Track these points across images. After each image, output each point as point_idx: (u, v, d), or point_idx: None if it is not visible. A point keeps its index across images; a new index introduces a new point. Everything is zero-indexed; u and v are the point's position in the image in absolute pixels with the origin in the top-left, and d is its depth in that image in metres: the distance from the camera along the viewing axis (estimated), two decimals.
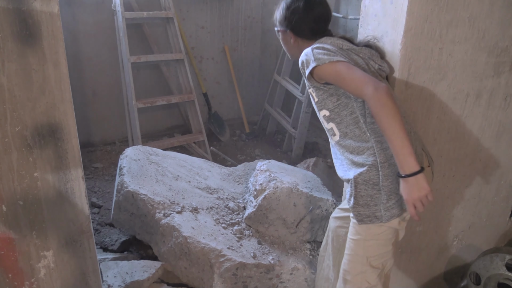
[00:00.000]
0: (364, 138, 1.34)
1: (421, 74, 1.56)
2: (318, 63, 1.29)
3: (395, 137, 1.19)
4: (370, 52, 1.43)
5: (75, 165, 1.22)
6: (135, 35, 3.46)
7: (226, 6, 3.90)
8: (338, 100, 1.36)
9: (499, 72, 1.74)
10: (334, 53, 1.31)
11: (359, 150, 1.35)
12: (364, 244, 1.39)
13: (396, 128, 1.18)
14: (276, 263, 1.86)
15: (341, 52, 1.34)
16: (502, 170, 2.02)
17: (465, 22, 1.55)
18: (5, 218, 1.16)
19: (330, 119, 1.40)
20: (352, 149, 1.37)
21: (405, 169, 1.20)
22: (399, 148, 1.19)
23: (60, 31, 1.09)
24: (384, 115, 1.19)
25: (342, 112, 1.37)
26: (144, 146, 2.50)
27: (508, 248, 1.90)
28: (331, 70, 1.28)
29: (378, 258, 1.41)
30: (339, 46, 1.38)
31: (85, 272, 1.36)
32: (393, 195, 1.32)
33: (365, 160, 1.33)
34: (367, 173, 1.32)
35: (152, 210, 1.97)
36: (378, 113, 1.20)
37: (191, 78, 3.52)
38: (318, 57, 1.30)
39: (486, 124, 1.84)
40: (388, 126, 1.19)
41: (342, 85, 1.29)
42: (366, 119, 1.34)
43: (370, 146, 1.33)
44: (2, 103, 1.07)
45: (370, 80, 1.22)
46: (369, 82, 1.21)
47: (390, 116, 1.18)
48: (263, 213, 2.00)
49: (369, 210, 1.33)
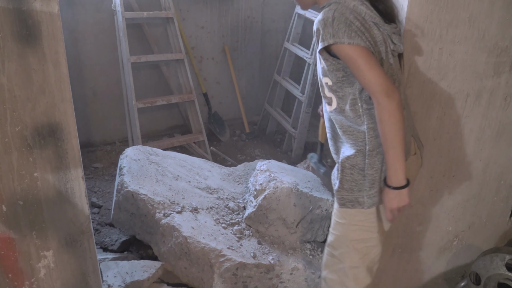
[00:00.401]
0: (358, 122, 1.31)
1: (421, 74, 1.56)
2: (336, 41, 1.19)
3: (392, 150, 1.20)
4: (391, 29, 1.31)
5: (75, 165, 1.22)
6: (135, 35, 3.46)
7: (226, 6, 3.90)
8: (344, 76, 1.29)
9: (499, 72, 1.74)
10: (356, 32, 1.19)
11: (350, 131, 1.32)
12: (348, 228, 1.40)
13: (396, 141, 1.19)
14: (276, 263, 1.86)
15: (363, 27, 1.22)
16: (502, 170, 2.02)
17: (465, 22, 1.55)
18: (5, 218, 1.16)
19: (331, 89, 1.34)
20: (345, 128, 1.34)
21: (393, 181, 1.25)
22: (393, 161, 1.22)
23: (60, 31, 1.09)
24: (388, 125, 1.19)
25: (345, 88, 1.30)
26: (144, 146, 2.50)
27: (508, 248, 1.90)
28: (348, 53, 1.20)
29: (361, 242, 1.41)
30: (362, 15, 1.24)
31: (85, 272, 1.36)
32: (376, 183, 1.31)
33: (354, 143, 1.31)
34: (354, 158, 1.31)
35: (152, 210, 1.97)
36: (383, 121, 1.19)
37: (191, 78, 3.52)
38: (337, 32, 1.19)
39: (486, 124, 1.84)
40: (389, 137, 1.19)
41: (354, 73, 1.22)
42: (363, 104, 1.29)
43: (362, 131, 1.30)
44: (2, 103, 1.07)
45: (385, 83, 1.18)
46: (384, 86, 1.17)
47: (394, 128, 1.18)
48: (263, 213, 2.00)
49: (353, 195, 1.33)
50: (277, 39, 4.22)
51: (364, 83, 1.21)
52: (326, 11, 1.23)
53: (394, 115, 1.18)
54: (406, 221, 1.83)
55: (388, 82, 1.19)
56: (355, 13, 1.23)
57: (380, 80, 1.18)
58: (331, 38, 1.20)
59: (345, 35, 1.18)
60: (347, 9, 1.22)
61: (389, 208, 1.29)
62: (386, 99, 1.17)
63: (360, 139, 1.31)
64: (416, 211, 1.84)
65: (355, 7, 1.24)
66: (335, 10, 1.21)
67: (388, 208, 1.30)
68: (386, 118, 1.18)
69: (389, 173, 1.25)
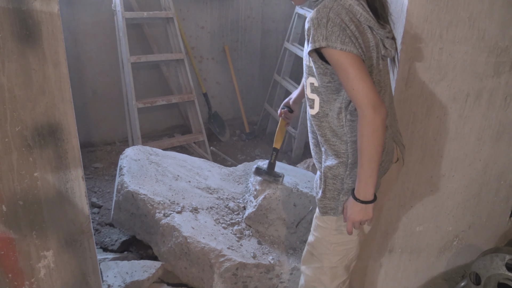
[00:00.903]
0: (340, 132, 1.28)
1: (421, 74, 1.56)
2: (329, 45, 1.13)
3: (368, 164, 1.19)
4: (385, 33, 1.25)
5: (75, 165, 1.22)
6: (135, 35, 3.46)
7: (226, 6, 3.90)
8: (329, 82, 1.24)
9: (499, 72, 1.74)
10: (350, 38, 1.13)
11: (333, 141, 1.30)
12: (329, 233, 1.39)
13: (373, 157, 1.17)
14: (276, 263, 1.86)
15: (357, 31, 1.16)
16: (502, 170, 2.02)
17: (465, 22, 1.55)
18: (5, 218, 1.16)
19: (316, 91, 1.27)
20: (327, 137, 1.30)
21: (361, 195, 1.23)
22: (366, 175, 1.20)
23: (60, 31, 1.09)
24: (369, 140, 1.16)
25: (330, 94, 1.26)
26: (144, 146, 2.50)
27: (508, 248, 1.90)
28: (338, 59, 1.14)
29: (342, 245, 1.41)
30: (358, 17, 1.18)
31: (85, 272, 1.36)
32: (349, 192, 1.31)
33: (336, 154, 1.29)
34: (336, 168, 1.30)
35: (152, 210, 1.97)
36: (364, 135, 1.16)
37: (191, 78, 3.52)
38: (330, 36, 1.12)
39: (486, 124, 1.84)
40: (367, 152, 1.17)
41: (342, 81, 1.17)
42: (347, 114, 1.25)
43: (344, 142, 1.28)
44: (2, 103, 1.07)
45: (373, 97, 1.14)
46: (372, 99, 1.13)
47: (375, 144, 1.16)
48: (263, 213, 2.00)
49: (334, 203, 1.33)
50: (277, 39, 4.22)
51: (351, 93, 1.16)
52: (321, 9, 1.16)
53: (377, 131, 1.15)
54: (406, 221, 1.83)
55: (377, 96, 1.14)
56: (351, 14, 1.17)
57: (369, 92, 1.14)
58: (323, 41, 1.13)
59: (339, 39, 1.12)
60: (343, 8, 1.16)
61: (352, 220, 1.27)
62: (373, 113, 1.13)
63: (343, 151, 1.29)
64: (416, 211, 1.84)
65: (351, 7, 1.18)
66: (331, 9, 1.15)
67: (350, 220, 1.28)
68: (369, 133, 1.15)
69: (359, 186, 1.23)
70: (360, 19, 1.19)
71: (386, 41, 1.26)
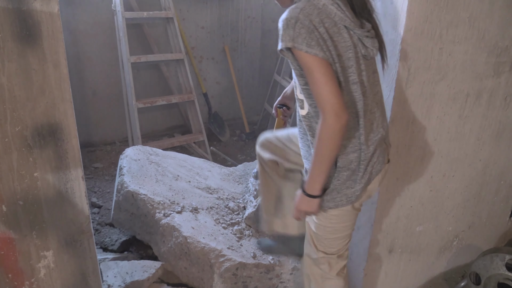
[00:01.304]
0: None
1: (421, 74, 1.56)
2: (295, 46, 1.15)
3: (320, 164, 1.24)
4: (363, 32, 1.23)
5: (75, 165, 1.22)
6: (135, 35, 3.46)
7: (226, 6, 3.90)
8: (306, 84, 1.25)
9: (499, 72, 1.74)
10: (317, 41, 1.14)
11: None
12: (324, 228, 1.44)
13: (327, 159, 1.22)
14: (276, 263, 1.86)
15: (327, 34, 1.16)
16: (502, 170, 2.02)
17: (465, 22, 1.55)
18: (5, 218, 1.16)
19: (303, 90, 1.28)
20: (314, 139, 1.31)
21: (309, 189, 1.29)
22: (317, 173, 1.25)
23: (60, 31, 1.09)
24: (326, 145, 1.20)
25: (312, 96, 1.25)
26: (144, 146, 2.50)
27: (508, 248, 1.90)
28: (305, 61, 1.16)
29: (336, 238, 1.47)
30: (332, 17, 1.17)
31: (85, 272, 1.36)
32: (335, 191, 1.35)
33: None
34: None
35: (152, 210, 1.97)
36: (322, 139, 1.20)
37: (191, 78, 3.52)
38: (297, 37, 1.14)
39: (486, 124, 1.84)
40: (321, 155, 1.22)
41: (309, 83, 1.19)
42: None
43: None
44: (2, 103, 1.07)
45: (337, 103, 1.15)
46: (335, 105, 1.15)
47: (330, 148, 1.20)
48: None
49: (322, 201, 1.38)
50: (277, 39, 4.21)
51: (315, 96, 1.19)
52: (292, 9, 1.17)
53: (334, 137, 1.18)
54: (406, 221, 1.83)
55: (339, 101, 1.16)
56: (323, 14, 1.17)
57: (332, 98, 1.15)
58: (289, 42, 1.15)
59: (304, 42, 1.13)
60: (316, 9, 1.16)
61: (298, 209, 1.34)
62: (334, 119, 1.16)
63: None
64: (416, 211, 1.84)
65: (325, 7, 1.17)
66: (302, 9, 1.15)
67: (297, 209, 1.35)
68: (327, 137, 1.18)
69: (309, 181, 1.28)
70: (335, 19, 1.18)
71: (365, 40, 1.25)
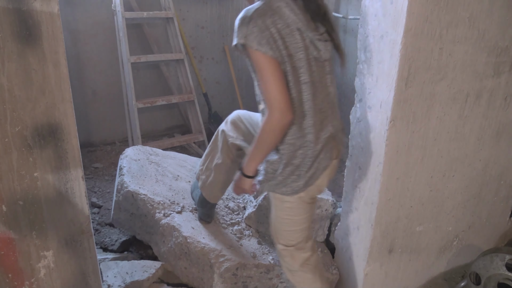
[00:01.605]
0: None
1: (421, 74, 1.56)
2: (247, 43, 1.21)
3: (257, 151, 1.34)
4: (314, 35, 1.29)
5: (75, 165, 1.22)
6: (135, 35, 3.46)
7: (226, 6, 3.90)
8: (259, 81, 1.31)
9: (499, 72, 1.74)
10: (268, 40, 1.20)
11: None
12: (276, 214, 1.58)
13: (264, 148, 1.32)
14: (276, 263, 1.86)
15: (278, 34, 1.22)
16: (502, 170, 2.02)
17: (465, 22, 1.55)
18: (5, 218, 1.16)
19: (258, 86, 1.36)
20: None
21: (244, 169, 1.41)
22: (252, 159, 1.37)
23: (60, 31, 1.09)
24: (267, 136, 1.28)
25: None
26: (144, 146, 2.50)
27: (508, 248, 1.90)
28: (255, 59, 1.23)
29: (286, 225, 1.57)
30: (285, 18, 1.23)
31: (85, 272, 1.36)
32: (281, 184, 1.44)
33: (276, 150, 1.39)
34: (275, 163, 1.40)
35: (152, 210, 1.97)
36: (265, 131, 1.28)
37: (191, 78, 3.52)
38: (249, 35, 1.20)
39: (486, 124, 1.84)
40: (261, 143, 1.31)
41: (258, 80, 1.27)
42: None
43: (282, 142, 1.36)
44: (2, 103, 1.07)
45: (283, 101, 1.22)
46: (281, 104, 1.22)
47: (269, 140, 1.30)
48: (263, 213, 2.00)
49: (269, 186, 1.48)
50: None
51: (264, 93, 1.25)
52: (248, 10, 1.23)
53: (275, 132, 1.27)
54: (406, 221, 1.83)
55: (285, 100, 1.23)
56: (276, 16, 1.22)
57: (279, 96, 1.22)
58: (242, 38, 1.21)
59: (255, 40, 1.20)
60: (270, 10, 1.22)
61: (235, 184, 1.48)
62: (278, 116, 1.23)
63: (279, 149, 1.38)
64: (416, 211, 1.84)
65: (279, 9, 1.23)
66: (256, 10, 1.22)
67: (235, 184, 1.49)
68: (267, 130, 1.27)
69: (246, 161, 1.39)
70: (288, 21, 1.24)
71: (317, 43, 1.30)
